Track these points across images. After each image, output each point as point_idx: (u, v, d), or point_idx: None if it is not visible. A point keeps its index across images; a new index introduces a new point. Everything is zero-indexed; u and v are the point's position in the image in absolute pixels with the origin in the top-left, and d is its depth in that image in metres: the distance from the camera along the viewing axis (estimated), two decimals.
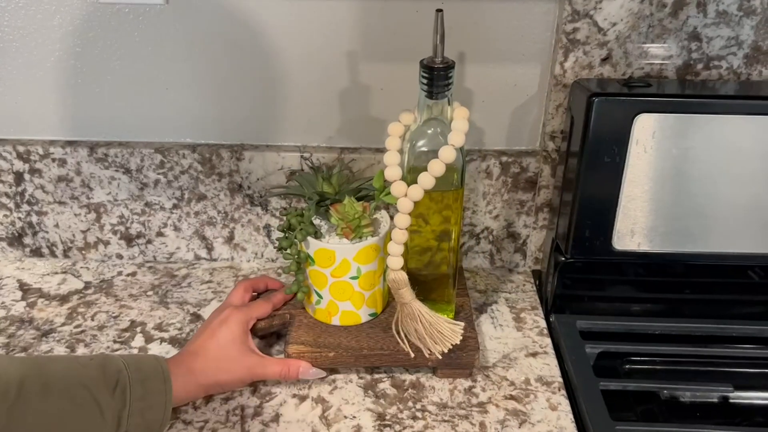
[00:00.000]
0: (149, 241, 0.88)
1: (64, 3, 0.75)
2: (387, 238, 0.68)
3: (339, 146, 0.82)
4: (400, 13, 0.74)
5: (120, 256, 0.89)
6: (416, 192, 0.63)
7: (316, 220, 0.71)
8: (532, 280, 0.87)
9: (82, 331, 0.77)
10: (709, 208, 0.72)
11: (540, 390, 0.70)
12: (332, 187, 0.72)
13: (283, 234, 0.71)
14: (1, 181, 0.84)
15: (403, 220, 0.64)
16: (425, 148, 0.64)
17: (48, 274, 0.87)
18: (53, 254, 0.89)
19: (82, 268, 0.88)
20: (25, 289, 0.85)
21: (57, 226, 0.87)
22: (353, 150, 0.82)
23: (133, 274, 0.87)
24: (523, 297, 0.84)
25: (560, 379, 0.71)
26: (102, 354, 0.63)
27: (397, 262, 0.66)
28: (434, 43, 0.61)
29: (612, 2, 0.71)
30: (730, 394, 0.72)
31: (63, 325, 0.78)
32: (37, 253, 0.89)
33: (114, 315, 0.80)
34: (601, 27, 0.72)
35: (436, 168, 0.62)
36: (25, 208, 0.86)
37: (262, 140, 0.83)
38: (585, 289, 0.80)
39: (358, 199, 0.70)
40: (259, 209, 0.85)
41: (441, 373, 0.71)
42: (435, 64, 0.61)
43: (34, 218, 0.86)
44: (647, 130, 0.69)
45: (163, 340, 0.76)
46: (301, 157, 0.82)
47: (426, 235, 0.69)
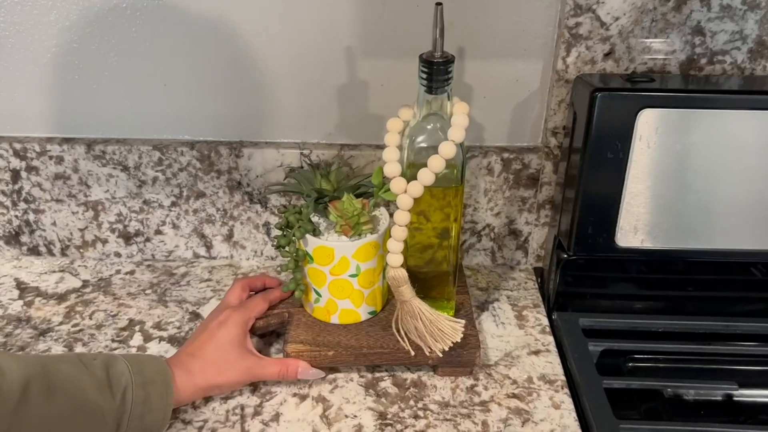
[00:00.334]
0: (148, 239, 0.87)
1: None
2: (386, 236, 0.67)
3: (338, 143, 0.82)
4: (400, 8, 0.74)
5: (118, 255, 0.89)
6: (416, 188, 0.62)
7: (315, 218, 0.70)
8: (534, 278, 0.86)
9: (80, 330, 0.77)
10: (713, 204, 0.71)
11: (543, 388, 0.69)
12: (331, 184, 0.71)
13: (281, 231, 0.70)
14: None
15: (403, 217, 0.64)
16: (425, 144, 0.64)
17: (45, 273, 0.87)
18: (51, 252, 0.89)
19: (79, 266, 0.88)
20: (22, 287, 0.84)
21: (54, 224, 0.86)
22: (353, 147, 0.81)
23: (132, 273, 0.87)
24: (525, 295, 0.83)
25: (563, 378, 0.70)
26: (105, 354, 0.63)
27: (396, 259, 0.65)
28: (434, 37, 0.60)
29: None
30: (735, 392, 0.71)
31: (61, 324, 0.78)
32: (34, 251, 0.89)
33: (112, 314, 0.80)
34: (604, 21, 0.72)
35: (436, 164, 0.61)
36: (22, 206, 0.85)
37: (261, 137, 0.82)
38: (588, 287, 0.80)
39: (357, 196, 0.69)
40: (258, 207, 0.85)
41: (442, 372, 0.70)
42: (434, 59, 0.61)
43: (31, 216, 0.86)
44: (651, 126, 0.68)
45: (161, 338, 0.76)
46: (301, 154, 0.81)
47: (427, 233, 0.68)
